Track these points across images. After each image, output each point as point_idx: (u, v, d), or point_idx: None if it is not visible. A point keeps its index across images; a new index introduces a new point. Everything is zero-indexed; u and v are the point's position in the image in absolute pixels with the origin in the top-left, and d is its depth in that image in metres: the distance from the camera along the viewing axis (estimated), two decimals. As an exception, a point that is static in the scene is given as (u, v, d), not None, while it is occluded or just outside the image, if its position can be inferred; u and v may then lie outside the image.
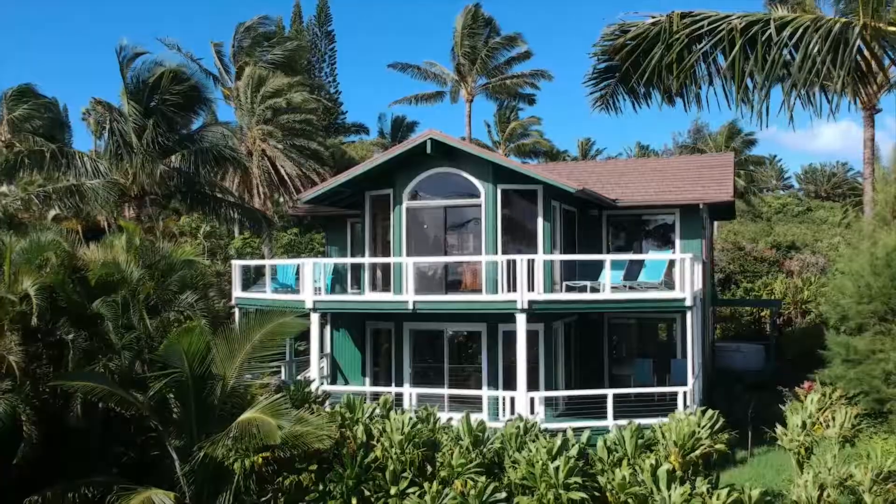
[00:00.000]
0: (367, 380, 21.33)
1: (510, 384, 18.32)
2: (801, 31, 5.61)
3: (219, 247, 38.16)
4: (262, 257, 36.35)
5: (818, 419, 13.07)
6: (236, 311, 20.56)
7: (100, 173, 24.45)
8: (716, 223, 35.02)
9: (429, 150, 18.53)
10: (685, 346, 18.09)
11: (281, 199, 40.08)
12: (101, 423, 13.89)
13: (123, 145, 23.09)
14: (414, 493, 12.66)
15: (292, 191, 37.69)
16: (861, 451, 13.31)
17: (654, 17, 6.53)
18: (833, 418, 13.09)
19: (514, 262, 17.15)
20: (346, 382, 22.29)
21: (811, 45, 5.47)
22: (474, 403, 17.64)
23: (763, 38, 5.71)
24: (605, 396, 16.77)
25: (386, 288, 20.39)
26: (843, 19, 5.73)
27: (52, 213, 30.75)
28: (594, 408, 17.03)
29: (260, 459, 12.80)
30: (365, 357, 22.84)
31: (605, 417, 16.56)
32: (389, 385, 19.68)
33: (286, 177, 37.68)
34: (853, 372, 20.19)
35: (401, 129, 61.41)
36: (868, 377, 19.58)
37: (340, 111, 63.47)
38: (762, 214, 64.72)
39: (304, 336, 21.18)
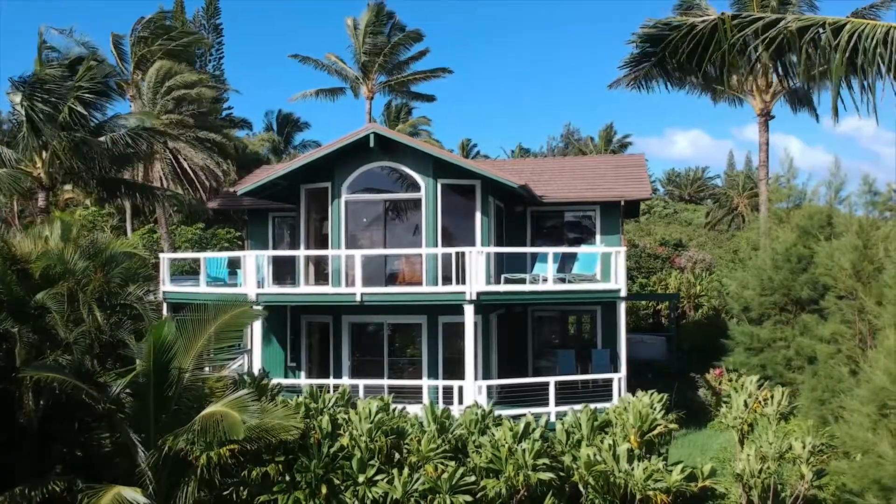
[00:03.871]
0: (303, 373, 21.19)
1: (449, 374, 18.75)
2: (856, 34, 6.31)
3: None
4: (163, 251, 35.11)
5: (757, 398, 14.22)
6: (164, 304, 19.91)
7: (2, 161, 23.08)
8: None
9: (371, 143, 18.62)
10: (616, 335, 19.05)
11: (179, 192, 38.78)
12: (39, 421, 13.32)
13: (39, 130, 21.71)
14: (382, 479, 12.85)
15: (196, 184, 36.62)
16: (793, 427, 14.56)
17: (700, 16, 7.10)
18: (772, 396, 14.25)
19: (461, 254, 17.57)
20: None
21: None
22: (414, 394, 17.91)
23: (821, 41, 6.36)
24: (546, 384, 17.49)
25: (319, 281, 20.33)
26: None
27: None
28: (526, 396, 17.71)
29: (226, 452, 12.62)
30: (288, 352, 22.64)
31: (541, 405, 17.25)
32: (326, 378, 19.65)
33: (189, 169, 36.56)
34: (756, 359, 21.86)
35: (288, 125, 60.68)
36: (771, 363, 21.25)
37: (225, 106, 61.99)
38: (631, 216, 67.77)
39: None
